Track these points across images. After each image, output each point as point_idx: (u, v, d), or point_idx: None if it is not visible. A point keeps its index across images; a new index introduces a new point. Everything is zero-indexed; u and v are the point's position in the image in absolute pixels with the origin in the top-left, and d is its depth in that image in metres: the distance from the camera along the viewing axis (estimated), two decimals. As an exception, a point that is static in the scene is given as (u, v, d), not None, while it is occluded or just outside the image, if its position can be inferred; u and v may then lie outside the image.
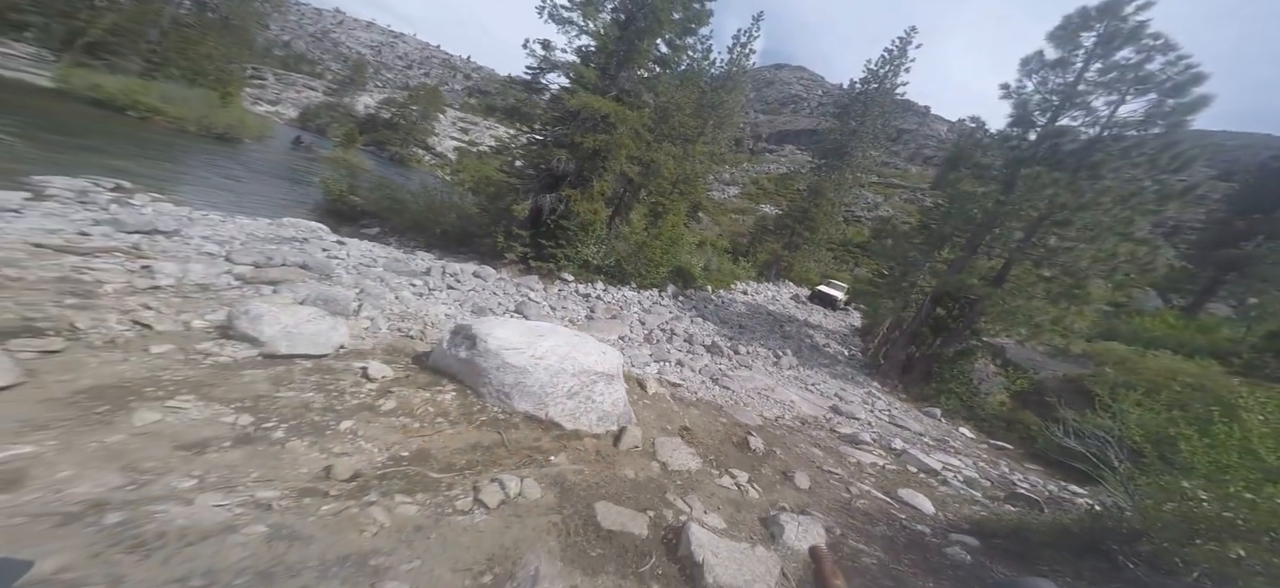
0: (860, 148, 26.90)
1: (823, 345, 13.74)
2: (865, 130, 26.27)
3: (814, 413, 7.12)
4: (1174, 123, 9.23)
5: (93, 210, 5.84)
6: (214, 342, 3.25)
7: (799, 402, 7.46)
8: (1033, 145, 11.13)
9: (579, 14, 10.90)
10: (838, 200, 27.37)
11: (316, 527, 1.91)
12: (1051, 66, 10.95)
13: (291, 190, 13.73)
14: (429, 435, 2.81)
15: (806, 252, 27.55)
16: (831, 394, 8.66)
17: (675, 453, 3.57)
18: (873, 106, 25.78)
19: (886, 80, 25.90)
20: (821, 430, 6.28)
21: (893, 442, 6.33)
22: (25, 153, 8.39)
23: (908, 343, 12.94)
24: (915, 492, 4.63)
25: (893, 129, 34.20)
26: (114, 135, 12.84)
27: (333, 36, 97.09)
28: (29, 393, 2.22)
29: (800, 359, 10.92)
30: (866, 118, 25.80)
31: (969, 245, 13.04)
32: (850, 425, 6.76)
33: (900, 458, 5.84)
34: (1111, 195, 9.75)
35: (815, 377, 9.77)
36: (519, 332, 3.66)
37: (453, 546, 2.04)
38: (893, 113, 28.52)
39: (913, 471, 5.47)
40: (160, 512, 1.72)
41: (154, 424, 2.22)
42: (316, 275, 5.65)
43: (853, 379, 10.72)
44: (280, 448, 2.33)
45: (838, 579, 1.13)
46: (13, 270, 3.46)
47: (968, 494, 5.14)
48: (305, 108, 43.75)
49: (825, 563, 1.15)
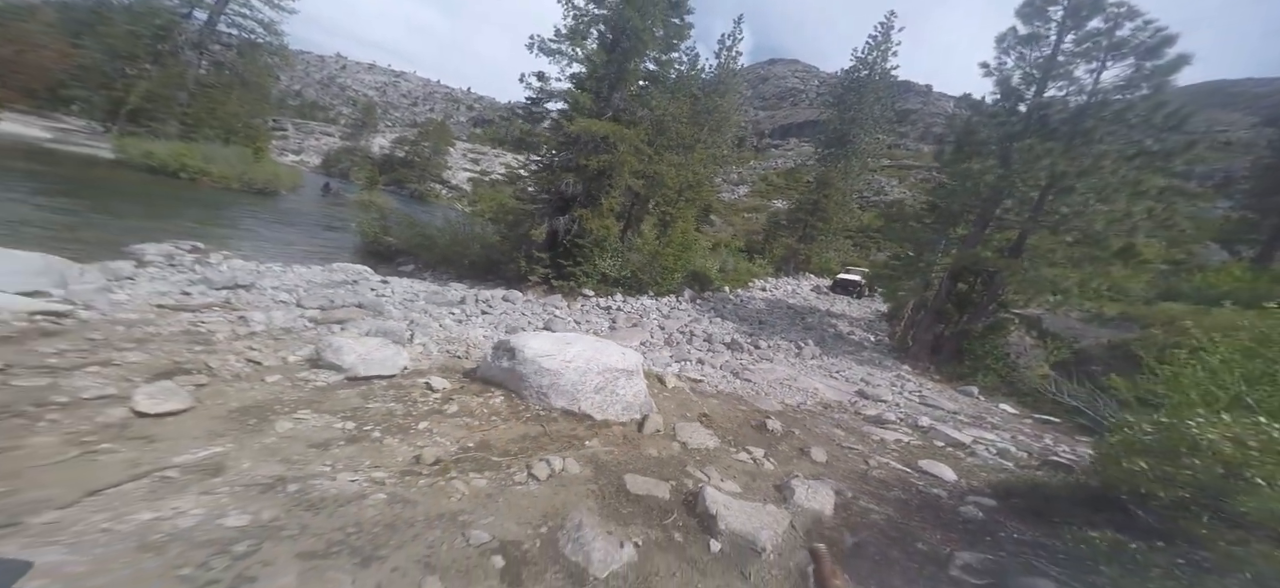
0: (862, 134, 27.03)
1: (847, 333, 13.72)
2: (864, 117, 26.47)
3: (838, 398, 7.08)
4: (1156, 84, 9.35)
5: (184, 272, 6.85)
6: (309, 371, 4.02)
7: (822, 388, 7.43)
8: (1022, 119, 11.31)
9: (567, 44, 11.75)
10: (848, 188, 27.43)
11: (417, 495, 2.58)
12: (1026, 41, 11.18)
13: (331, 236, 14.98)
14: (487, 430, 3.48)
15: (823, 242, 27.59)
16: (857, 379, 8.54)
17: (694, 435, 4.14)
18: (867, 93, 26.03)
19: (876, 66, 26.11)
20: (845, 414, 6.28)
21: (919, 420, 6.29)
22: (114, 224, 9.67)
23: (934, 322, 12.97)
24: (938, 462, 4.67)
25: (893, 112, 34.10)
26: (173, 199, 14.35)
27: (339, 82, 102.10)
28: (200, 413, 2.99)
29: (823, 348, 10.88)
30: (862, 105, 26.04)
31: (980, 220, 13.18)
32: (876, 408, 6.70)
33: (927, 434, 5.77)
34: (1110, 158, 9.86)
35: (839, 364, 9.67)
36: (550, 342, 4.33)
37: (516, 507, 2.67)
38: (891, 96, 28.58)
39: (939, 445, 5.41)
40: (317, 485, 2.43)
41: (290, 431, 2.96)
42: (371, 312, 6.49)
43: (880, 364, 10.55)
44: (380, 443, 3.03)
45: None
46: (151, 327, 4.33)
47: (997, 464, 5.03)
48: (326, 154, 46.44)
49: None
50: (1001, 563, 3.00)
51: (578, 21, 11.96)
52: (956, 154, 14.02)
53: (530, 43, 12.03)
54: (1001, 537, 3.36)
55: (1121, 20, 9.59)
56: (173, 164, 17.79)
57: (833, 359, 10.03)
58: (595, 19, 12.19)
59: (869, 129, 26.98)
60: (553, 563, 2.25)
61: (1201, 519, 1.73)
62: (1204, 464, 1.91)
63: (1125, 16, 9.54)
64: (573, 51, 11.84)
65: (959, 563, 2.89)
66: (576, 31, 11.89)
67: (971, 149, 13.24)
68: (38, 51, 22.08)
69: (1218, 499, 1.79)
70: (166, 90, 23.84)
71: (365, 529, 2.21)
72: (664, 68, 13.43)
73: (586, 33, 12.05)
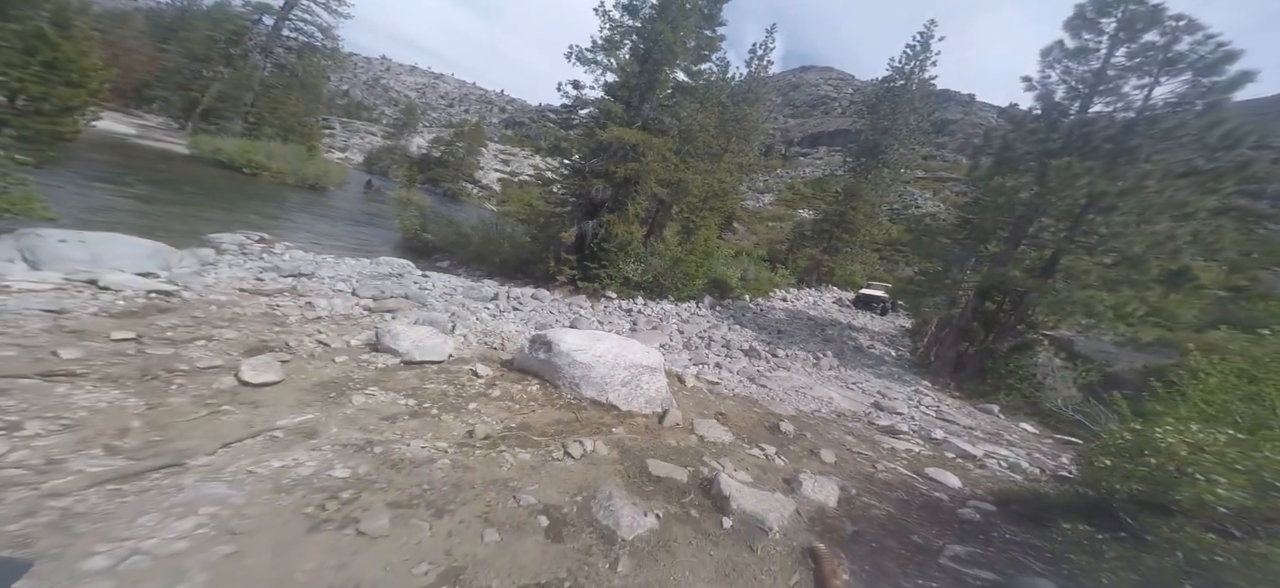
0: (895, 146, 26.52)
1: (867, 347, 13.68)
2: (898, 128, 25.96)
3: (852, 408, 7.15)
4: (1212, 102, 9.03)
5: (255, 260, 7.64)
6: (370, 354, 4.56)
7: (837, 398, 7.48)
8: (1063, 135, 11.08)
9: (602, 54, 12.28)
10: (878, 200, 26.92)
11: (474, 464, 3.01)
12: (1073, 55, 10.93)
13: (373, 231, 15.97)
14: (526, 413, 3.91)
15: (848, 255, 27.15)
16: (873, 392, 8.54)
17: (711, 429, 4.46)
18: (902, 104, 25.51)
19: (913, 76, 25.60)
20: (858, 423, 6.39)
21: (933, 432, 6.34)
22: (192, 215, 10.74)
23: (958, 340, 12.80)
24: (944, 471, 4.79)
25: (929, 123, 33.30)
26: (238, 192, 15.63)
27: (383, 83, 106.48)
28: (289, 385, 3.53)
29: (842, 360, 10.91)
30: (897, 115, 25.54)
31: (1012, 238, 12.95)
32: (889, 419, 6.76)
33: (939, 446, 5.84)
34: (1155, 177, 9.58)
35: (857, 376, 9.70)
36: (582, 338, 4.74)
37: (555, 478, 3.07)
38: (928, 106, 27.94)
39: (950, 456, 5.50)
40: (395, 449, 2.89)
41: (363, 404, 3.46)
42: (416, 304, 7.09)
43: (899, 378, 10.51)
44: (438, 419, 3.49)
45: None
46: (237, 309, 4.98)
47: (1006, 476, 5.10)
48: (369, 152, 48.73)
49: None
50: (989, 557, 3.21)
51: (613, 32, 12.49)
52: (992, 169, 13.79)
53: (568, 52, 12.63)
54: (994, 536, 3.57)
55: (1180, 34, 9.30)
56: (239, 160, 19.35)
57: (850, 371, 10.06)
58: (629, 30, 12.68)
59: (902, 140, 26.44)
60: (587, 525, 2.63)
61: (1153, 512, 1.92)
62: (1159, 463, 2.12)
63: (1184, 30, 9.25)
64: (607, 61, 12.38)
65: (948, 554, 3.13)
66: (612, 42, 12.42)
67: (1008, 165, 13.04)
68: (130, 55, 24.39)
69: (1164, 491, 1.98)
70: (236, 91, 25.84)
71: (436, 487, 2.65)
72: (694, 78, 13.79)
73: (620, 43, 12.56)
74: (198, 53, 25.94)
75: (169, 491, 2.13)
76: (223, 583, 1.75)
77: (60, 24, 5.27)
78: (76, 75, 5.53)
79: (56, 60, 5.25)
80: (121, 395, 2.82)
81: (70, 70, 5.43)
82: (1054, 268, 11.83)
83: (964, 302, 13.28)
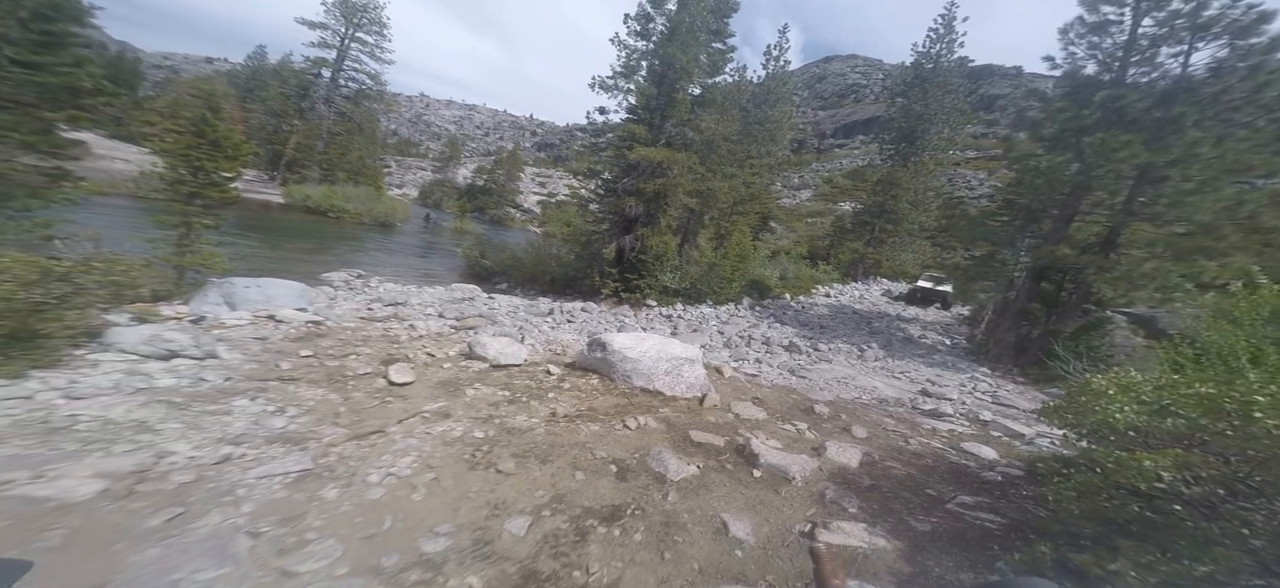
0: (932, 131, 25.63)
1: (918, 337, 13.41)
2: (931, 112, 25.15)
3: (897, 395, 7.02)
4: (1255, 63, 8.65)
5: (360, 293, 9.34)
6: (466, 361, 5.78)
7: (881, 386, 7.44)
8: (1095, 111, 10.81)
9: (622, 79, 13.49)
10: (921, 186, 25.89)
11: (561, 432, 4.05)
12: (1095, 29, 10.69)
13: (439, 260, 18.01)
14: (591, 399, 4.94)
15: (896, 245, 26.22)
16: (922, 380, 8.35)
17: (746, 409, 5.27)
18: (933, 88, 24.72)
19: (940, 59, 24.79)
20: (901, 408, 6.35)
21: (981, 414, 6.24)
22: (305, 256, 12.95)
23: (1016, 323, 12.49)
24: (982, 446, 4.82)
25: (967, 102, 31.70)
26: (326, 234, 18.24)
27: (425, 119, 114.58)
28: (420, 384, 4.76)
29: (888, 351, 10.69)
30: (928, 100, 24.76)
31: (1062, 215, 12.64)
32: (935, 404, 6.65)
33: (985, 426, 5.78)
34: (1207, 145, 9.25)
35: (905, 366, 9.47)
36: (630, 338, 5.73)
37: (618, 441, 4.05)
38: (962, 87, 26.83)
39: (995, 435, 5.44)
40: (506, 422, 4.00)
41: (474, 395, 4.62)
42: (489, 321, 8.41)
43: (953, 367, 10.17)
44: (528, 403, 4.59)
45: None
46: (364, 333, 6.43)
47: (1051, 451, 4.97)
48: (423, 187, 53.18)
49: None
50: (996, 505, 3.76)
51: (629, 59, 13.68)
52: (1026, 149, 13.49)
53: (592, 82, 13.94)
54: (1010, 493, 4.02)
55: None
56: (324, 205, 22.48)
57: (898, 361, 9.80)
58: (644, 54, 13.80)
59: (940, 124, 25.57)
60: (645, 471, 3.58)
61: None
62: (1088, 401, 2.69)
63: None
64: (627, 85, 13.58)
65: (956, 501, 3.75)
66: (629, 67, 13.61)
67: (1044, 143, 12.77)
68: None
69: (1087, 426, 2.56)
70: (310, 141, 29.70)
71: (538, 446, 3.71)
72: (710, 92, 14.63)
73: (637, 66, 13.71)
74: (276, 108, 30.05)
75: (385, 445, 3.32)
76: (434, 491, 2.88)
77: (214, 109, 7.00)
78: (231, 150, 7.23)
79: (217, 139, 6.96)
80: (325, 392, 4.13)
81: (227, 147, 7.13)
82: (1114, 242, 11.45)
83: (1020, 283, 12.98)
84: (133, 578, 1.89)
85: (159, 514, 2.25)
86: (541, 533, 2.66)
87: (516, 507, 2.87)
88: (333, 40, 30.46)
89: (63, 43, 4.65)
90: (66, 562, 1.94)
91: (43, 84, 4.21)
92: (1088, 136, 10.64)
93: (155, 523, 2.20)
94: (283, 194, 23.86)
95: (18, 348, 3.12)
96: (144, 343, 3.89)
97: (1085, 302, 11.87)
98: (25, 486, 2.27)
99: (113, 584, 1.86)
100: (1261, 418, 2.00)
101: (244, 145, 7.74)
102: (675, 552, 2.64)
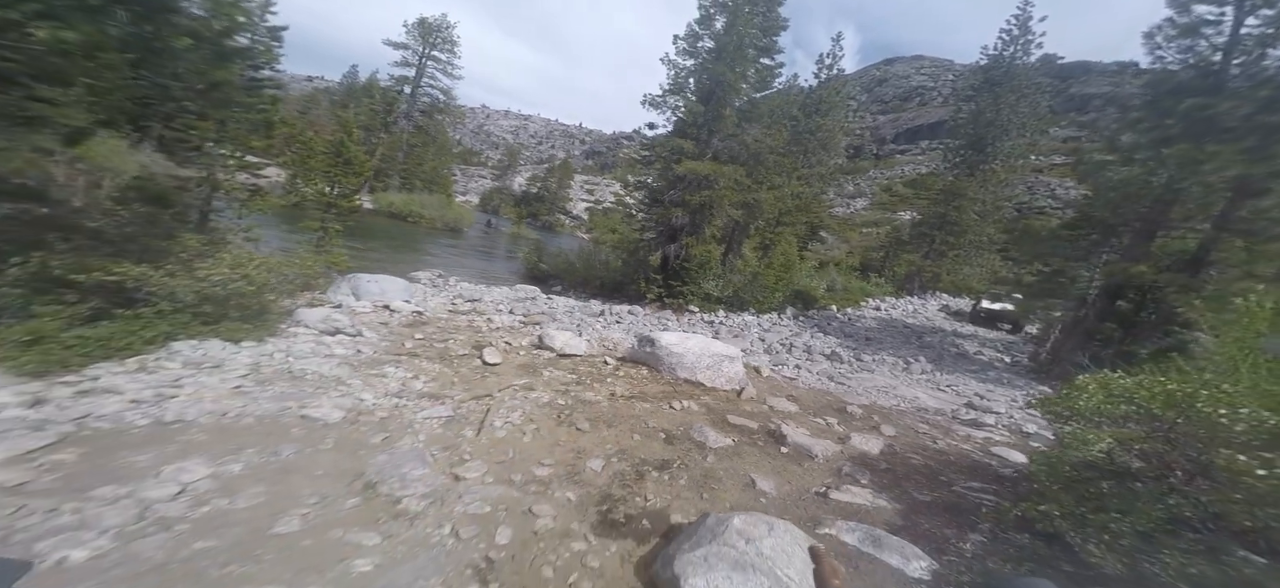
0: (1004, 138, 24.12)
1: (974, 354, 13.02)
2: (1004, 119, 23.73)
3: (938, 406, 6.94)
4: None
5: (442, 290, 10.89)
6: (537, 350, 6.88)
7: (923, 397, 7.37)
8: (1178, 121, 10.21)
9: (670, 96, 14.38)
10: (991, 197, 24.28)
11: (620, 407, 4.98)
12: (1186, 32, 10.11)
13: (500, 263, 19.85)
14: (642, 386, 5.84)
15: (959, 258, 24.80)
16: (969, 393, 8.16)
17: (780, 403, 5.93)
18: (1006, 92, 23.31)
19: (1014, 61, 23.34)
20: (941, 417, 6.32)
21: (1025, 427, 6.20)
22: (394, 257, 15.02)
23: (1086, 343, 11.97)
24: (1013, 451, 4.96)
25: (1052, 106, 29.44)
26: (409, 237, 20.68)
27: (485, 129, 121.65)
28: (506, 365, 5.89)
29: (937, 365, 10.50)
30: (1000, 105, 23.38)
31: (1144, 230, 11.99)
32: (977, 415, 6.59)
33: (1025, 437, 5.79)
34: None
35: (953, 379, 9.28)
36: (675, 336, 6.58)
37: (666, 417, 4.90)
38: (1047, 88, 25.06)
39: (1033, 445, 5.46)
40: (578, 396, 5.00)
41: (550, 376, 5.68)
42: (550, 318, 9.59)
43: (1008, 384, 9.86)
44: (591, 384, 5.57)
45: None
46: (454, 323, 7.75)
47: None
48: (484, 194, 57.24)
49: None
50: (998, 491, 4.19)
51: (677, 77, 14.56)
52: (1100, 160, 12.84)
53: (644, 100, 14.97)
54: (1020, 486, 4.37)
55: None
56: (405, 210, 25.37)
57: (947, 375, 9.62)
58: (691, 71, 14.62)
59: (1013, 131, 23.92)
60: (688, 439, 4.41)
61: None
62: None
63: None
64: (675, 102, 14.47)
65: (959, 485, 4.23)
66: (677, 84, 14.49)
67: (1121, 153, 12.17)
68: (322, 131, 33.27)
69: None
70: (392, 152, 33.36)
71: (604, 414, 4.66)
72: (757, 106, 15.13)
73: (684, 84, 14.54)
74: (366, 124, 34.08)
75: (496, 405, 4.42)
76: (537, 437, 3.94)
77: (347, 133, 8.66)
78: (356, 167, 8.88)
79: (349, 159, 8.62)
80: (441, 367, 5.34)
81: (355, 165, 8.79)
82: (1204, 259, 10.76)
83: (1091, 300, 12.39)
84: (378, 468, 3.04)
85: (376, 435, 3.45)
86: (612, 471, 3.58)
87: (593, 453, 3.82)
88: (412, 59, 34.09)
89: (261, 85, 6.25)
90: (339, 457, 3.15)
91: (251, 119, 5.77)
92: (1166, 148, 10.15)
93: (376, 440, 3.38)
94: (372, 200, 27.18)
95: (256, 322, 4.53)
96: (320, 322, 5.30)
97: (1168, 322, 11.17)
98: (301, 411, 3.56)
99: (366, 471, 3.01)
100: (1201, 407, 2.49)
101: (366, 163, 9.45)
102: (711, 493, 3.46)
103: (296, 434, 3.26)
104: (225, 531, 2.25)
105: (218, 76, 4.24)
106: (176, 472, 2.53)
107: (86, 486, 2.38)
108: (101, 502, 2.28)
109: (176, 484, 2.45)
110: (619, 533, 2.82)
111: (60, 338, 3.02)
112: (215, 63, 4.05)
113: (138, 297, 3.70)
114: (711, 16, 14.46)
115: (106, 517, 2.17)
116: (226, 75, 4.40)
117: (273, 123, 6.17)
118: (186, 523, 2.25)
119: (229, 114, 5.16)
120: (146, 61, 3.44)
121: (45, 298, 3.08)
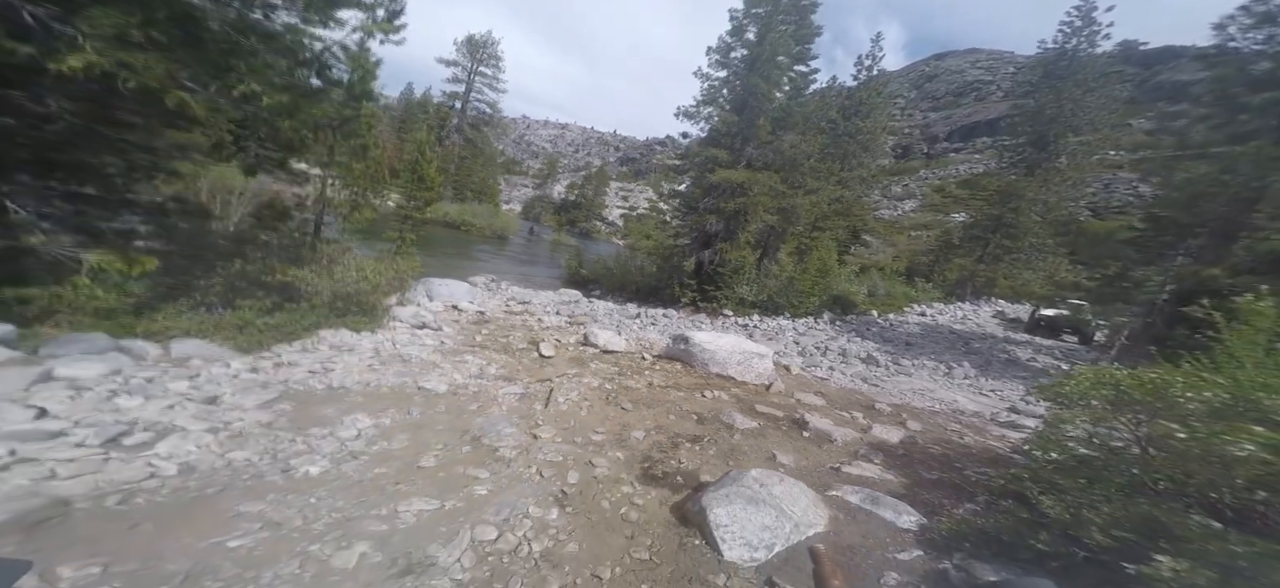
0: (1069, 135, 22.52)
1: (1026, 360, 12.52)
2: (1067, 114, 22.26)
3: (976, 409, 6.81)
4: None
5: (496, 293, 12.08)
6: (583, 347, 7.73)
7: (962, 400, 7.21)
8: (1254, 115, 9.58)
9: (704, 106, 14.88)
10: (1054, 197, 22.71)
11: (656, 394, 5.69)
12: (1266, 19, 9.48)
13: (543, 269, 21.14)
14: (677, 378, 6.52)
15: (1017, 261, 23.35)
16: (1014, 399, 7.89)
17: (807, 398, 6.41)
18: (1069, 85, 21.88)
19: (1078, 53, 21.88)
20: (977, 418, 6.26)
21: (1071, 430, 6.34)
22: (451, 262, 16.58)
23: (1152, 351, 11.37)
24: None
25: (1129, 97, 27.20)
26: (462, 244, 22.47)
27: (526, 139, 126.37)
28: (558, 357, 6.76)
29: (982, 371, 10.26)
30: (1062, 100, 21.96)
31: (1221, 232, 11.30)
32: (1018, 418, 6.49)
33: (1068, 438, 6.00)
34: None
35: (999, 385, 9.05)
36: (708, 335, 7.21)
37: (698, 404, 5.55)
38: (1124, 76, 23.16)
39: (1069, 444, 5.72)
40: (621, 384, 5.77)
41: (597, 367, 6.49)
42: (592, 319, 10.46)
43: None
44: (632, 375, 6.32)
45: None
46: (510, 322, 8.76)
47: None
48: (525, 202, 59.91)
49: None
50: (1006, 475, 4.48)
51: (710, 88, 15.05)
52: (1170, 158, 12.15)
53: (677, 111, 15.61)
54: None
55: None
56: (457, 220, 27.45)
57: (992, 381, 9.37)
58: (724, 82, 15.06)
59: (1083, 126, 22.32)
60: (717, 421, 5.04)
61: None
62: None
63: None
64: (708, 112, 14.97)
65: (971, 470, 4.57)
66: (710, 95, 14.99)
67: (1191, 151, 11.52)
68: (384, 146, 36.61)
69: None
70: (445, 164, 36.00)
71: (644, 398, 5.40)
72: (792, 113, 15.33)
73: (717, 94, 15.00)
74: (422, 139, 37.10)
75: (556, 388, 5.28)
76: (591, 412, 4.75)
77: (421, 153, 9.92)
78: (429, 183, 10.14)
79: (424, 177, 9.87)
80: (506, 358, 6.29)
81: (429, 182, 10.04)
82: None
83: (1160, 306, 11.75)
84: (479, 427, 3.99)
85: (472, 404, 4.43)
86: (651, 441, 4.30)
87: (636, 427, 4.56)
88: (462, 75, 36.78)
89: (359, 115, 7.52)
90: (450, 417, 4.14)
91: (354, 145, 7.03)
92: (1239, 146, 9.63)
93: (473, 407, 4.35)
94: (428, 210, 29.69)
95: (369, 316, 5.66)
96: (410, 318, 6.41)
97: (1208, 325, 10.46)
98: (418, 384, 4.61)
99: (471, 428, 3.95)
100: (1174, 393, 2.86)
101: (438, 178, 10.76)
102: (737, 461, 4.08)
103: (418, 401, 4.31)
104: (390, 462, 3.24)
105: (346, 114, 5.40)
106: (352, 421, 3.63)
107: (304, 426, 3.51)
108: (317, 436, 3.42)
109: (355, 429, 3.49)
110: (658, 484, 3.53)
111: (255, 324, 4.16)
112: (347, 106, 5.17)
113: (296, 294, 4.87)
114: (744, 27, 14.91)
115: (323, 445, 3.25)
116: (353, 114, 5.56)
117: (368, 147, 7.40)
118: (367, 455, 3.30)
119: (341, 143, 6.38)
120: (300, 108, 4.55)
121: (246, 296, 4.26)
